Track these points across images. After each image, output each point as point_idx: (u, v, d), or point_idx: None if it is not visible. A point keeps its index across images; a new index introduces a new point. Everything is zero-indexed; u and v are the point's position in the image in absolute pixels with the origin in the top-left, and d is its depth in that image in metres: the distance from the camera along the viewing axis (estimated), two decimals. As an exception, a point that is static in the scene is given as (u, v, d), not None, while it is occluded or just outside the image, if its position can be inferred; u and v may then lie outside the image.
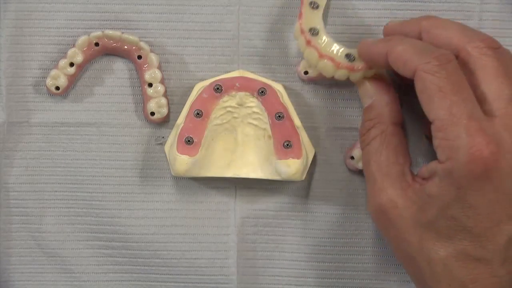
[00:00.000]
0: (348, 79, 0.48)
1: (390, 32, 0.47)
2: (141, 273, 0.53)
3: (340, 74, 0.48)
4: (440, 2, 0.51)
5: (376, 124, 0.46)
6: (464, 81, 0.41)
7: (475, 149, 0.40)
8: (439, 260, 0.42)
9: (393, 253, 0.51)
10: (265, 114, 0.49)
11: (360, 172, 0.51)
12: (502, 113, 0.41)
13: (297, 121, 0.50)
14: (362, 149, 0.47)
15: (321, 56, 0.48)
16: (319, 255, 0.52)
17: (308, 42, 0.48)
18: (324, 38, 0.48)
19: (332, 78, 0.48)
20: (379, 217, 0.44)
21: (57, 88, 0.51)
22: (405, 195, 0.43)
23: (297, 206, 0.52)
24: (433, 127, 0.41)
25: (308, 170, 0.51)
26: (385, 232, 0.45)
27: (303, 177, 0.49)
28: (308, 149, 0.51)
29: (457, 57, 0.43)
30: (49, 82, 0.51)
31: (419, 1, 0.51)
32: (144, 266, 0.52)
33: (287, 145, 0.48)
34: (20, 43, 0.52)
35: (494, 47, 0.42)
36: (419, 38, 0.45)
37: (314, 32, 0.48)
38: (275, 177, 0.49)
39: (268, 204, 0.52)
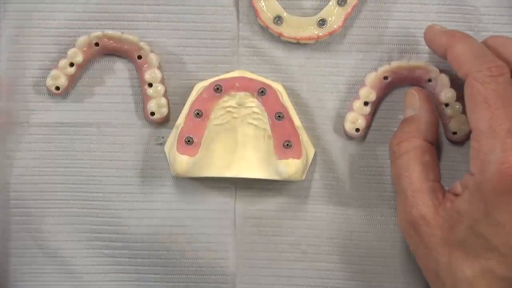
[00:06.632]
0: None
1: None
2: (141, 273, 0.53)
3: None
4: None
5: (410, 138, 0.46)
6: (511, 96, 0.41)
7: (507, 165, 0.40)
8: (465, 279, 0.42)
9: (392, 254, 0.51)
10: (265, 114, 0.49)
11: (361, 172, 0.51)
12: None
13: (297, 121, 0.50)
14: (392, 160, 0.47)
15: None
16: (319, 255, 0.52)
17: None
18: None
19: None
20: (409, 233, 0.45)
21: (57, 88, 0.51)
22: (436, 213, 0.43)
23: (297, 206, 0.52)
24: (471, 135, 0.42)
25: (308, 170, 0.51)
26: (415, 248, 0.45)
27: (303, 177, 0.49)
28: (308, 149, 0.51)
29: None
30: (49, 82, 0.51)
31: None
32: (144, 266, 0.52)
33: (287, 145, 0.48)
34: (20, 43, 0.52)
35: None
36: None
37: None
38: (275, 177, 0.49)
39: (268, 204, 0.52)
